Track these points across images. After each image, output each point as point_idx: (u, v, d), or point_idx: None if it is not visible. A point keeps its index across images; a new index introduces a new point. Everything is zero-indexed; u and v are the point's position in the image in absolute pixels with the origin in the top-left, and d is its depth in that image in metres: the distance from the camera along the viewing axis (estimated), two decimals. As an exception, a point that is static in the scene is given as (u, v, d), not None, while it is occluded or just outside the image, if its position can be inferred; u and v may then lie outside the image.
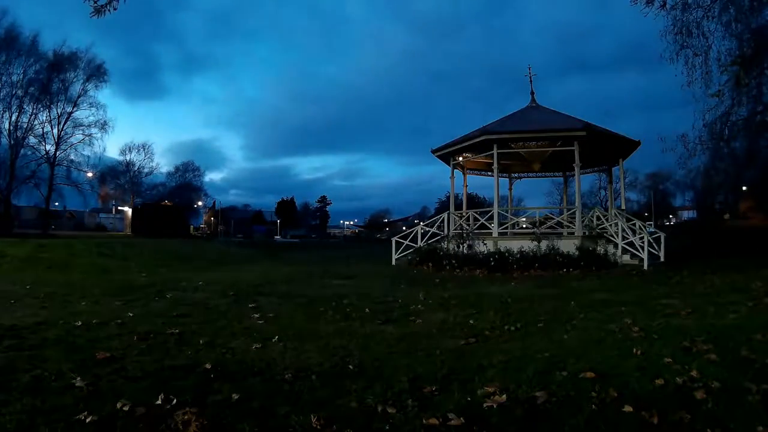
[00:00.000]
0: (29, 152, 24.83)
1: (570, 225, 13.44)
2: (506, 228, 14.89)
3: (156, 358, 3.46)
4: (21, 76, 23.79)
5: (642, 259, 11.19)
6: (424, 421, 2.26)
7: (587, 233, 12.46)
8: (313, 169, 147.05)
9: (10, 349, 3.57)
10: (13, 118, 23.64)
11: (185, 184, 49.20)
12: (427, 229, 15.24)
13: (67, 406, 2.40)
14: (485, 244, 12.42)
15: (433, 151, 15.18)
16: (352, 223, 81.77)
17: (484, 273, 10.68)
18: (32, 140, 24.65)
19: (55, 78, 24.73)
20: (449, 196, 17.18)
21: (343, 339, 4.23)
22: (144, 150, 43.14)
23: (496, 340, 4.12)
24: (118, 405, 2.37)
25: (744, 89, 9.98)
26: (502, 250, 11.59)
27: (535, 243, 11.63)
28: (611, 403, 2.38)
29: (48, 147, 25.02)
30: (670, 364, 3.01)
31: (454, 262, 11.71)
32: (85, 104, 26.02)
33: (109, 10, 3.18)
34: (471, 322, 4.98)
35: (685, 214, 62.20)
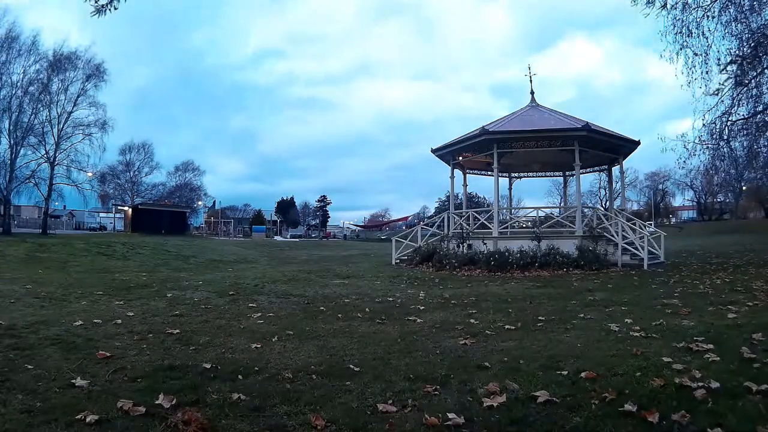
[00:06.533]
0: (29, 152, 24.77)
1: (570, 225, 13.42)
2: (506, 228, 14.89)
3: (156, 357, 3.46)
4: (21, 76, 23.76)
5: (642, 259, 11.19)
6: (424, 420, 2.26)
7: (587, 233, 12.45)
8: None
9: (9, 348, 3.56)
10: (13, 117, 23.59)
11: (185, 183, 49.41)
12: (427, 228, 15.26)
13: (67, 405, 2.39)
14: (485, 243, 12.41)
15: (433, 151, 15.17)
16: (352, 222, 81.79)
17: (484, 273, 10.69)
18: (32, 140, 24.59)
19: (54, 77, 24.70)
20: (449, 195, 17.20)
21: (343, 338, 4.23)
22: (144, 150, 43.44)
23: (496, 340, 4.12)
24: (118, 404, 2.37)
25: (744, 89, 9.99)
26: (502, 249, 11.59)
27: (535, 243, 11.62)
28: (611, 403, 2.37)
29: (48, 147, 24.96)
30: (670, 364, 3.01)
31: (454, 261, 11.72)
32: (84, 104, 25.93)
33: (109, 10, 3.20)
34: (471, 321, 4.99)
35: (685, 214, 62.28)
